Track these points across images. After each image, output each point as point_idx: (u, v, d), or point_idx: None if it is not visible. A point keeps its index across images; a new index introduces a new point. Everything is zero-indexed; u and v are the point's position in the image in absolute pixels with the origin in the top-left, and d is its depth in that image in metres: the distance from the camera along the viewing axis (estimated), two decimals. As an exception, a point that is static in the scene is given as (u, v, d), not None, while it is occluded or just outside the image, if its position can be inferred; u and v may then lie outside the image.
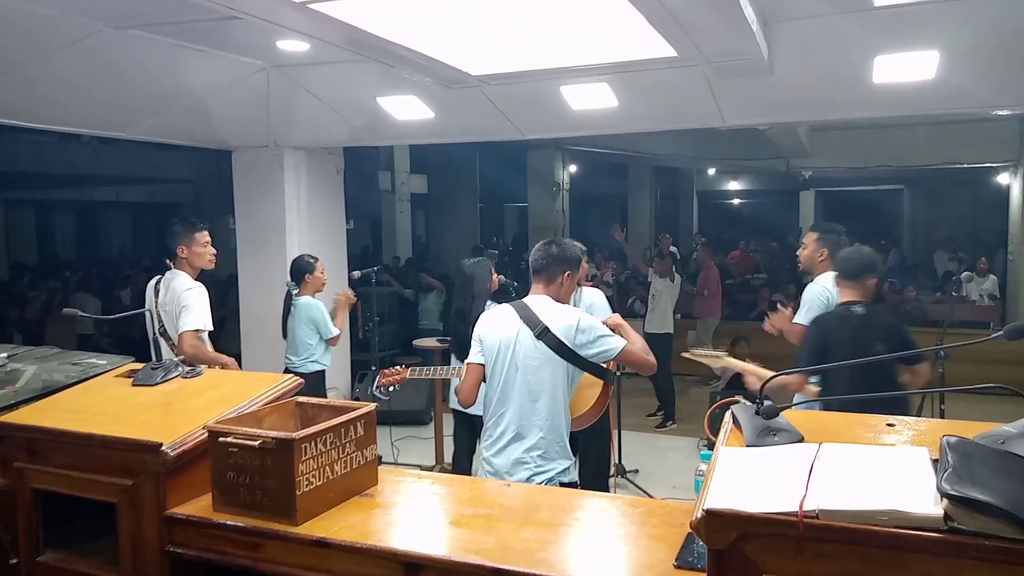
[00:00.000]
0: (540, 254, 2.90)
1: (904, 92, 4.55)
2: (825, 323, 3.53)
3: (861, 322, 3.41)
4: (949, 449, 1.47)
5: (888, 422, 1.79)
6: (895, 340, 3.44)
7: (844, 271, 3.53)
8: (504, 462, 2.75)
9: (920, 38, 4.16)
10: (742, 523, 1.41)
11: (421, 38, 3.97)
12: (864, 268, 3.49)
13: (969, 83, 4.48)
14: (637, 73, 4.77)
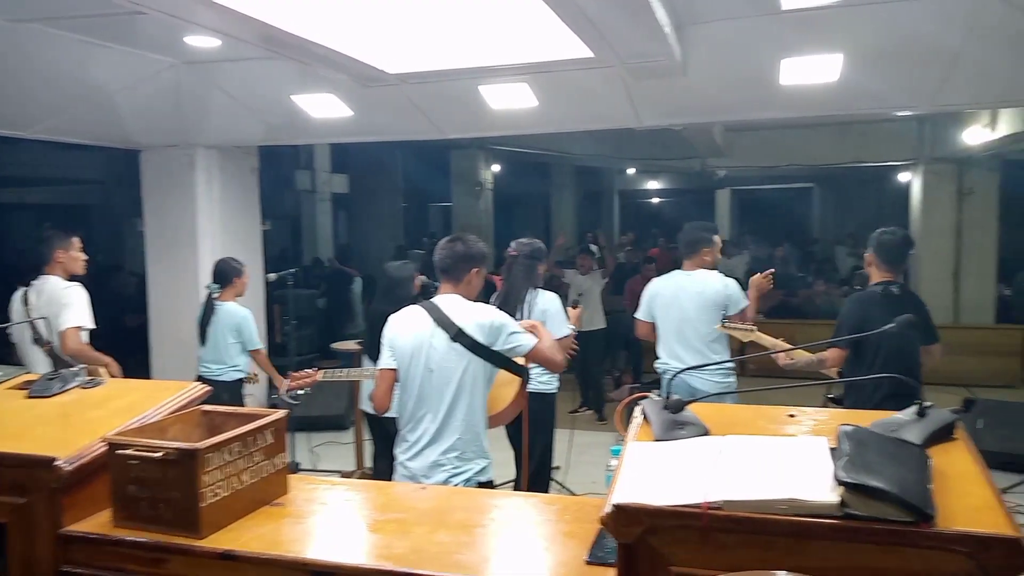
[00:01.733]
0: (445, 253, 2.86)
1: (810, 93, 4.72)
2: (866, 300, 3.77)
3: (897, 301, 3.69)
4: (845, 438, 1.53)
5: (790, 413, 1.85)
6: (924, 320, 3.78)
7: (883, 255, 3.79)
8: (421, 465, 2.72)
9: (825, 41, 4.32)
10: (649, 517, 1.43)
11: (337, 36, 3.91)
12: (902, 253, 3.83)
13: (870, 85, 4.68)
14: (555, 74, 4.80)
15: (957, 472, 1.54)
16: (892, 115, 8.86)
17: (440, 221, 21.65)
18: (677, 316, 4.22)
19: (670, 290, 4.29)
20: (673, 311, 4.24)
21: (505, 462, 4.51)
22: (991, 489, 1.47)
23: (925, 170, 10.67)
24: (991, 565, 1.31)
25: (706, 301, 4.15)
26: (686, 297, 4.20)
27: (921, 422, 1.70)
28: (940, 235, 10.58)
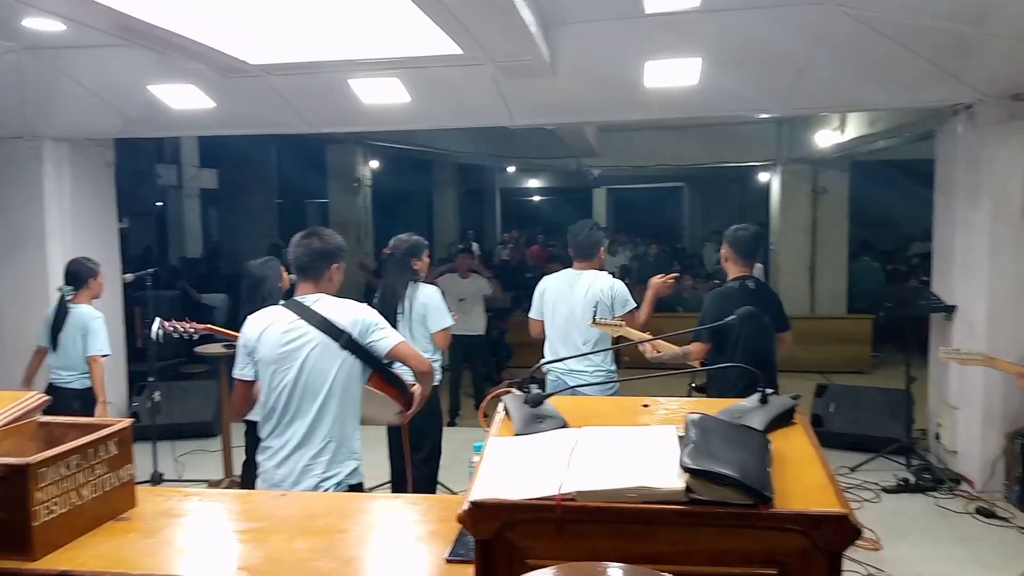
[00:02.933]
0: (301, 251, 2.72)
1: (672, 96, 4.91)
2: (724, 295, 3.94)
3: (754, 293, 3.91)
4: (692, 426, 1.59)
5: (644, 403, 1.91)
6: (777, 310, 4.08)
7: (739, 250, 3.98)
8: (288, 471, 2.61)
9: (685, 45, 4.50)
10: (506, 512, 1.43)
11: (195, 24, 3.72)
12: (756, 247, 4.06)
13: (727, 89, 4.91)
14: (427, 69, 4.77)
15: (795, 455, 1.63)
16: (752, 117, 9.35)
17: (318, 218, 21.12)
18: (564, 316, 4.18)
19: (560, 289, 4.25)
20: (561, 310, 4.20)
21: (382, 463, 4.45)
22: (824, 469, 1.56)
23: (783, 170, 11.34)
24: (823, 540, 1.40)
25: (595, 302, 4.11)
26: (575, 297, 4.16)
27: (763, 408, 1.79)
28: (797, 231, 11.28)
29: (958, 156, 5.25)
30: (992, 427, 4.95)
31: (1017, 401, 4.73)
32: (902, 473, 5.22)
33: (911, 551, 4.15)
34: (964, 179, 5.20)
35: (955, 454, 5.25)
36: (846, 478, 5.26)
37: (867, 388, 6.41)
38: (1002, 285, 4.89)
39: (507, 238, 16.62)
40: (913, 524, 4.54)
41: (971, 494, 4.92)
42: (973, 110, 5.01)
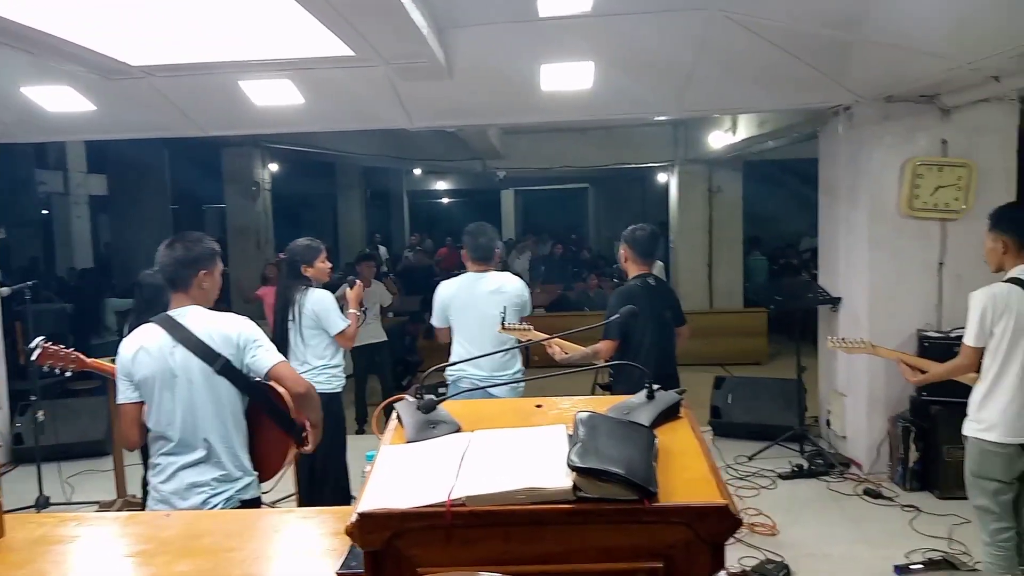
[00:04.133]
0: (166, 260, 2.58)
1: (568, 99, 4.97)
2: (627, 293, 3.99)
3: (654, 291, 4.05)
4: (580, 424, 1.61)
5: (537, 404, 1.92)
6: (675, 306, 4.22)
7: (638, 249, 4.08)
8: (176, 487, 2.51)
9: (578, 50, 4.56)
10: (395, 521, 1.41)
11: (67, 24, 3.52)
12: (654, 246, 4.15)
13: (621, 92, 5.02)
14: (320, 71, 4.68)
15: (680, 448, 1.67)
16: (649, 120, 9.61)
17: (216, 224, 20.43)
18: (475, 318, 4.10)
19: (464, 293, 4.17)
20: (470, 314, 4.12)
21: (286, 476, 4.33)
22: (707, 462, 1.60)
23: (680, 171, 11.69)
24: (706, 532, 1.43)
25: (501, 303, 4.06)
26: (482, 299, 4.10)
27: (651, 404, 1.82)
28: (695, 230, 11.65)
29: (839, 156, 5.54)
30: (877, 412, 5.24)
31: (899, 387, 5.02)
32: (796, 459, 5.46)
33: (805, 533, 4.34)
34: (844, 177, 5.49)
35: (844, 439, 5.53)
36: (744, 466, 5.46)
37: (762, 379, 6.67)
38: (881, 278, 5.17)
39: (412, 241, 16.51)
40: (807, 508, 4.75)
41: (860, 476, 5.19)
42: (851, 111, 5.29)
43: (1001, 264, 3.26)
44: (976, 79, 4.43)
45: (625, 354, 3.88)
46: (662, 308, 4.04)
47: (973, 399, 3.27)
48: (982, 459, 3.22)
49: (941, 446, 4.72)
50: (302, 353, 4.17)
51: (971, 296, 3.24)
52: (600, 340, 3.98)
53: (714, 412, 6.19)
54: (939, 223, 5.09)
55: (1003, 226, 3.24)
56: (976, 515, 3.35)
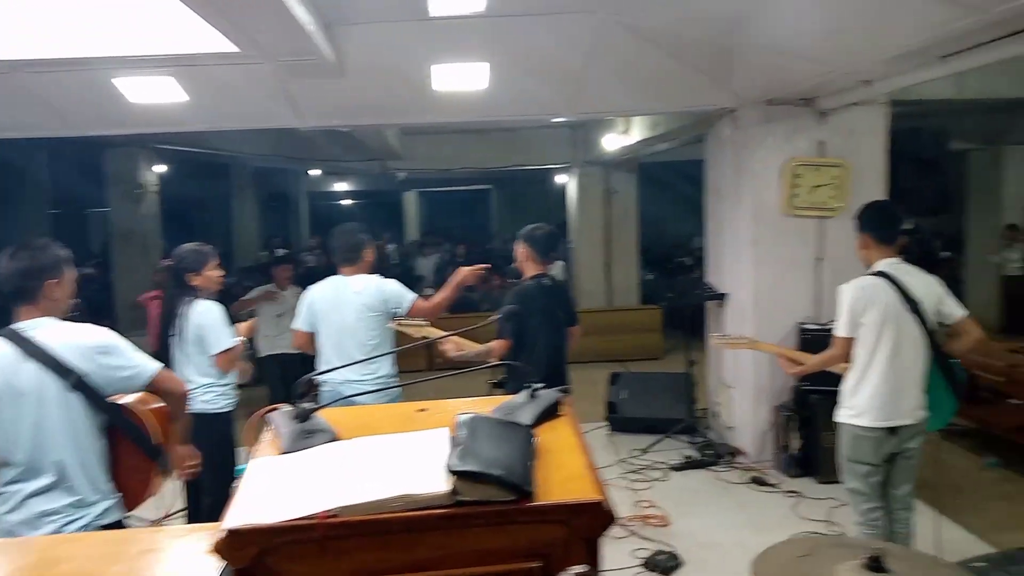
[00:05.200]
0: (7, 272, 2.38)
1: (463, 99, 4.96)
2: (523, 293, 4.00)
3: (549, 290, 4.06)
4: (461, 427, 1.59)
5: (420, 408, 1.89)
6: (568, 306, 4.24)
7: (537, 249, 4.05)
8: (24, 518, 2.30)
9: (472, 50, 4.56)
10: (264, 536, 1.35)
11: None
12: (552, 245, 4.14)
13: (516, 93, 5.04)
14: (205, 67, 4.50)
15: (559, 446, 1.68)
16: (547, 121, 9.71)
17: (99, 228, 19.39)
18: (337, 325, 3.97)
19: (329, 297, 4.02)
20: (333, 320, 3.98)
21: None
22: (584, 458, 1.62)
23: (579, 172, 11.89)
24: (581, 528, 1.44)
25: (368, 307, 3.97)
26: (347, 304, 3.96)
27: (533, 403, 1.83)
28: (593, 230, 11.88)
29: (724, 157, 5.75)
30: (762, 403, 5.47)
31: (782, 378, 5.25)
32: (687, 451, 5.63)
33: (696, 523, 4.48)
34: (729, 178, 5.70)
35: (732, 429, 5.75)
36: (638, 460, 5.59)
37: (655, 373, 6.85)
38: (764, 274, 5.40)
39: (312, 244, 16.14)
40: (697, 497, 4.91)
41: (747, 465, 5.40)
42: (736, 114, 5.50)
43: (869, 259, 3.46)
44: (849, 83, 4.69)
45: (518, 353, 3.90)
46: (555, 308, 4.09)
47: (845, 387, 3.45)
48: (854, 443, 3.40)
49: (820, 433, 4.97)
50: (186, 370, 3.85)
51: (840, 289, 3.43)
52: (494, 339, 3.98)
53: (611, 408, 6.32)
54: (817, 221, 5.35)
55: (864, 225, 3.45)
56: (849, 497, 3.54)
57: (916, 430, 3.38)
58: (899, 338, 3.30)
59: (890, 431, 3.34)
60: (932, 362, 3.38)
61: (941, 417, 3.45)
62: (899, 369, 3.31)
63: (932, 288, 3.37)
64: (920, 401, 3.37)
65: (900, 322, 3.29)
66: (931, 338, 3.34)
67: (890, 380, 3.31)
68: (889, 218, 3.45)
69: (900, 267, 3.37)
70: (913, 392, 3.35)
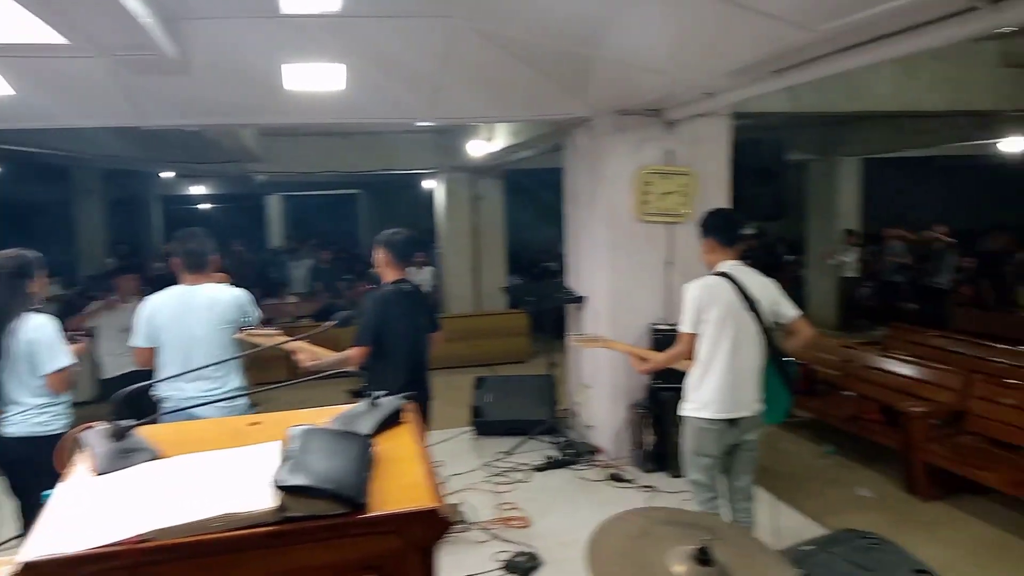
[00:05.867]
0: None
1: (319, 101, 4.83)
2: (382, 298, 3.94)
3: (410, 296, 4.01)
4: (291, 439, 1.54)
5: (253, 421, 1.81)
6: (430, 312, 4.22)
7: (396, 254, 4.01)
8: None
9: (326, 50, 4.44)
10: (65, 568, 1.25)
11: None
12: (411, 251, 4.09)
13: (374, 96, 4.96)
14: (32, 60, 4.15)
15: (399, 455, 1.65)
16: (412, 126, 9.63)
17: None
18: (184, 338, 3.70)
19: (173, 309, 3.73)
20: (178, 332, 3.70)
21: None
22: (424, 465, 1.60)
23: (447, 178, 11.89)
24: (416, 537, 1.43)
25: (220, 317, 3.75)
26: (194, 315, 3.71)
27: (373, 412, 1.79)
28: (461, 235, 11.91)
29: (580, 165, 5.91)
30: (618, 401, 5.64)
31: (637, 376, 5.43)
32: (550, 451, 5.73)
33: (557, 522, 4.56)
34: (586, 185, 5.86)
35: (591, 428, 5.90)
36: (503, 463, 5.64)
37: (519, 376, 6.94)
38: (619, 277, 5.58)
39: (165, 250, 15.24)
40: (558, 497, 5.00)
41: (605, 463, 5.56)
42: (591, 123, 5.66)
43: (712, 262, 3.65)
44: (693, 95, 4.92)
45: (378, 360, 3.84)
46: (416, 314, 4.05)
47: (689, 382, 3.62)
48: (698, 436, 3.58)
49: (672, 429, 5.17)
50: (15, 391, 3.49)
51: (685, 288, 3.61)
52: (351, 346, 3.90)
53: (475, 412, 6.34)
54: (667, 226, 5.58)
55: (708, 230, 3.65)
56: (691, 488, 3.72)
57: (755, 422, 3.59)
58: (739, 335, 3.49)
59: (731, 423, 3.53)
60: (768, 358, 3.59)
61: (777, 411, 3.67)
62: (739, 364, 3.50)
63: (768, 289, 3.59)
64: (757, 394, 3.58)
65: (739, 320, 3.49)
66: (767, 336, 3.55)
67: (731, 374, 3.49)
68: (730, 223, 3.66)
69: (740, 269, 3.57)
70: (751, 386, 3.55)
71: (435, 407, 4.28)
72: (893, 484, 5.43)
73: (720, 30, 3.80)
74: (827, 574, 2.40)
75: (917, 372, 6.03)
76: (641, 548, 1.64)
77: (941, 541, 4.57)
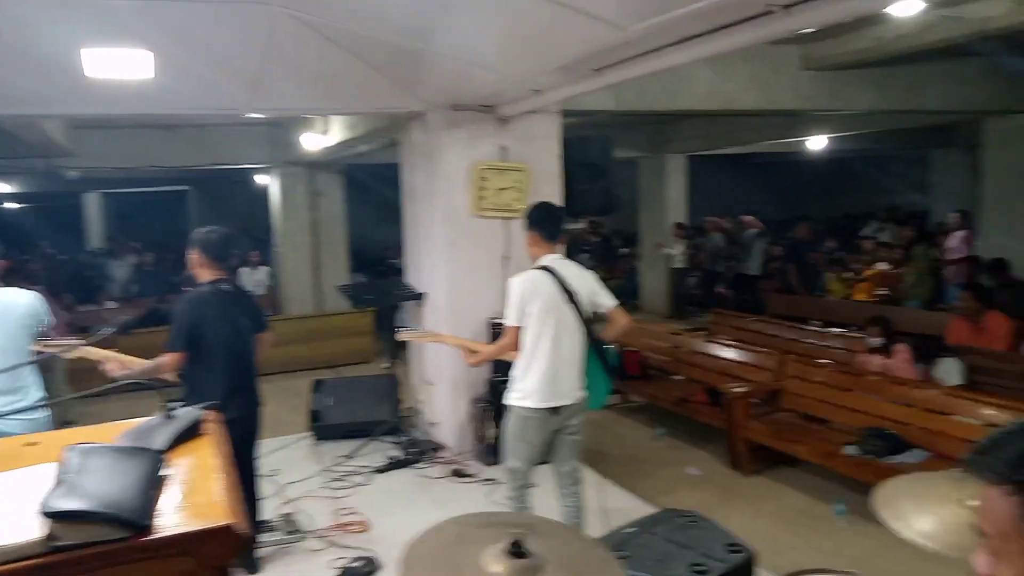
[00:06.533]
0: None
1: (125, 90, 4.46)
2: (198, 300, 3.73)
3: (229, 297, 3.83)
4: (68, 460, 1.39)
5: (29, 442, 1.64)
6: (255, 312, 4.02)
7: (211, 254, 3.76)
8: None
9: (130, 35, 4.12)
10: None
11: None
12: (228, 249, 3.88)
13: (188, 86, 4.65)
14: None
15: (198, 470, 1.54)
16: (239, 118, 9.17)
17: None
18: None
19: None
20: None
21: None
22: (224, 480, 1.50)
23: (281, 173, 11.44)
24: (209, 557, 1.33)
25: (17, 324, 3.48)
26: None
27: (168, 425, 1.67)
28: (299, 233, 11.52)
29: (417, 160, 5.85)
30: (460, 396, 5.65)
31: (478, 370, 5.46)
32: (393, 451, 5.65)
33: (396, 523, 4.48)
34: (422, 180, 5.81)
35: (435, 425, 5.87)
36: (343, 467, 5.49)
37: (359, 377, 6.79)
38: (457, 272, 5.58)
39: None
40: (399, 497, 4.93)
41: (449, 459, 5.55)
42: (425, 118, 5.61)
43: (536, 255, 3.72)
44: (522, 92, 4.99)
45: (196, 366, 3.62)
46: (238, 315, 3.84)
47: (515, 372, 3.69)
48: (522, 424, 3.66)
49: (513, 421, 5.25)
50: None
51: (509, 282, 3.68)
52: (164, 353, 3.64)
53: (314, 416, 6.13)
54: (503, 221, 5.64)
55: (532, 224, 3.72)
56: (507, 476, 3.81)
57: (576, 409, 3.72)
58: (560, 326, 3.60)
59: (553, 411, 3.64)
60: (589, 347, 3.72)
61: (598, 397, 3.83)
62: (560, 355, 3.61)
63: (587, 281, 3.72)
64: (578, 382, 3.71)
65: (560, 312, 3.60)
66: (587, 326, 3.68)
67: (553, 365, 3.60)
68: (552, 218, 3.75)
69: (561, 262, 3.68)
70: (572, 374, 3.68)
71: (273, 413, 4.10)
72: (719, 461, 5.77)
73: (543, 28, 3.88)
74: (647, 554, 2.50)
75: (738, 355, 6.46)
76: (455, 554, 1.62)
77: (762, 512, 4.92)
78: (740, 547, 2.63)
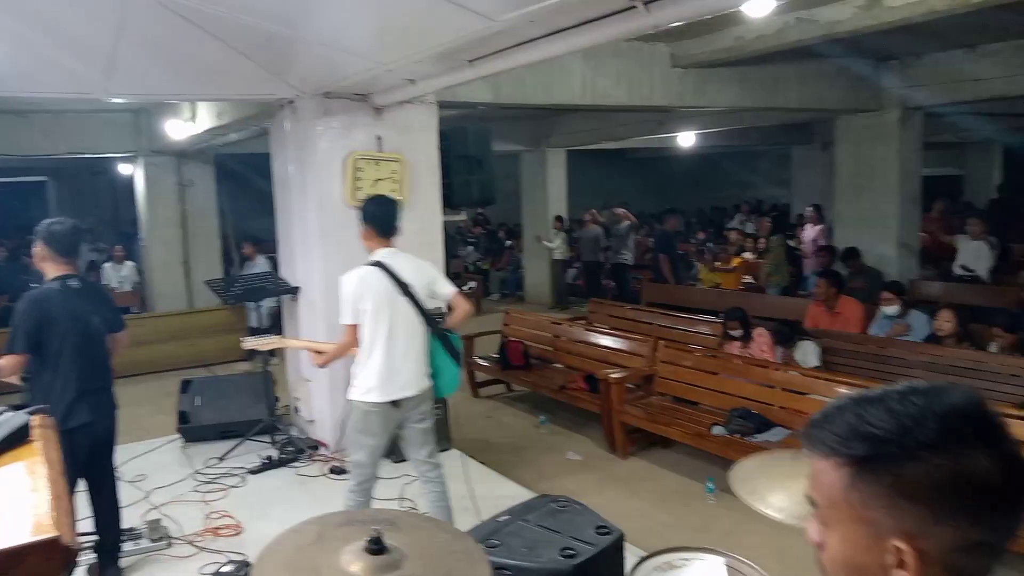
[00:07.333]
0: None
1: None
2: (43, 298, 3.52)
3: (79, 294, 3.60)
4: None
5: None
6: (109, 310, 3.81)
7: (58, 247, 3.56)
8: None
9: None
10: None
11: None
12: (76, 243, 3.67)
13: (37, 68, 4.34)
14: None
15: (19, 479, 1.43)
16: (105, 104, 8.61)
17: None
18: None
19: None
20: None
21: None
22: (51, 490, 1.40)
23: (146, 162, 10.83)
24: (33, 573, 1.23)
25: None
26: None
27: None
28: (167, 225, 10.96)
29: (288, 149, 5.66)
30: (338, 392, 5.49)
31: (356, 366, 5.36)
32: (269, 451, 5.46)
33: (271, 525, 4.33)
34: (295, 170, 5.63)
35: (312, 423, 5.72)
36: (215, 469, 5.27)
37: (231, 376, 6.55)
38: (333, 265, 5.40)
39: None
40: (274, 498, 4.79)
41: (327, 456, 5.42)
42: (295, 106, 5.44)
43: (371, 249, 3.70)
44: (396, 81, 4.91)
45: (42, 369, 3.38)
46: (89, 314, 3.59)
47: (355, 368, 3.67)
48: (365, 419, 3.66)
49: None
50: None
51: (340, 280, 3.65)
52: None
53: (182, 417, 5.85)
54: (381, 213, 5.54)
55: (367, 218, 3.69)
56: (352, 469, 3.80)
57: (420, 399, 3.74)
58: (394, 320, 3.61)
59: (394, 404, 3.64)
60: (432, 336, 3.72)
61: (449, 383, 3.87)
62: (397, 348, 3.62)
63: (423, 272, 3.74)
64: (420, 373, 3.72)
65: (395, 306, 3.61)
66: (426, 316, 3.69)
67: (390, 359, 3.61)
68: (387, 213, 3.73)
69: (395, 256, 3.68)
70: (412, 366, 3.69)
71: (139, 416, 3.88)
72: (598, 445, 5.93)
73: (414, 17, 3.82)
74: (518, 543, 2.52)
75: (614, 342, 6.64)
76: (312, 555, 1.58)
77: (637, 493, 5.09)
78: (609, 529, 2.69)
